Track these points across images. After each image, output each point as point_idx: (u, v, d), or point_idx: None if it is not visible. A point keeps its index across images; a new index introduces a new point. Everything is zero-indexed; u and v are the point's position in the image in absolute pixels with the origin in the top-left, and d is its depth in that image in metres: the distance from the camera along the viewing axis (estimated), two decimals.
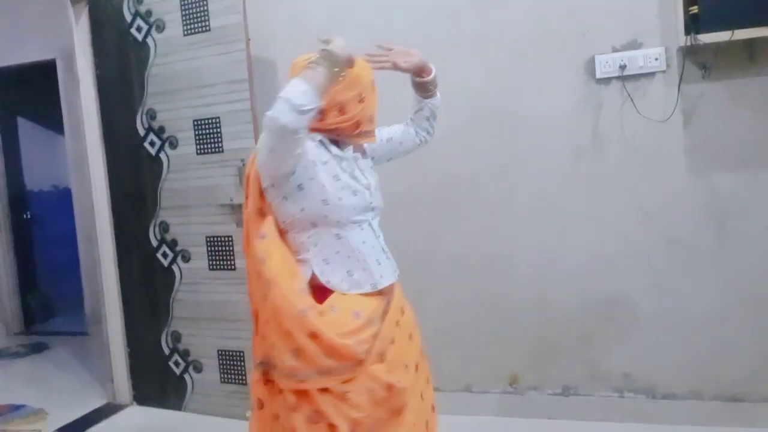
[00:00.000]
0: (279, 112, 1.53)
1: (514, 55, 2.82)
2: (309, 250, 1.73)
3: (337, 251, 1.73)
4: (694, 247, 2.67)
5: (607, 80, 2.71)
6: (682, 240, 2.69)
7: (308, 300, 1.67)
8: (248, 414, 3.08)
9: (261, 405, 1.80)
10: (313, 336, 1.62)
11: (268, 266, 1.68)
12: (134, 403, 3.47)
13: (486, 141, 2.87)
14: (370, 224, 1.80)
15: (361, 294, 1.73)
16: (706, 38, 2.44)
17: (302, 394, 1.66)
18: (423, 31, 2.86)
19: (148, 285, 3.33)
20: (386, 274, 1.79)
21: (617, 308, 2.78)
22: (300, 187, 1.69)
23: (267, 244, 1.71)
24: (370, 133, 1.83)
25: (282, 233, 1.75)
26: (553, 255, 2.84)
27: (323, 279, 1.71)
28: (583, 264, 2.81)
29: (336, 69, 1.64)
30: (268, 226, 1.73)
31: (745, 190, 2.60)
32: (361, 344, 1.67)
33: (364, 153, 1.90)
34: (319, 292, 1.70)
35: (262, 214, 1.75)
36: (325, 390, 1.64)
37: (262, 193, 1.74)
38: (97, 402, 3.50)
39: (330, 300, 1.69)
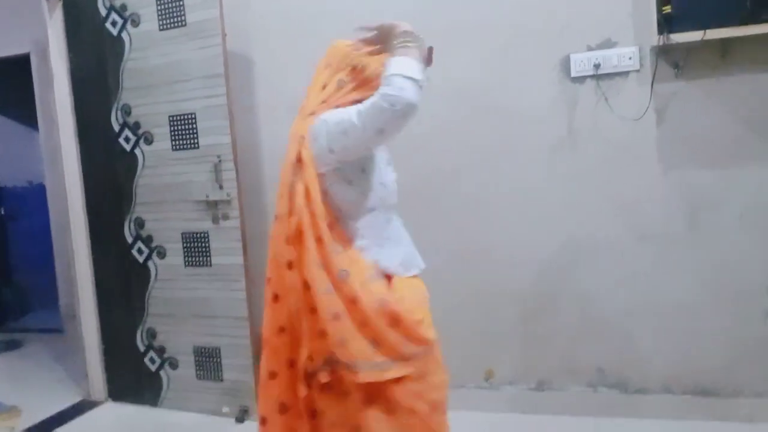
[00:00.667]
0: (407, 91, 1.51)
1: (494, 50, 2.83)
2: (364, 236, 1.70)
3: (388, 236, 1.75)
4: (666, 241, 2.71)
5: (581, 79, 2.73)
6: (654, 234, 2.72)
7: (383, 287, 1.66)
8: (224, 410, 3.11)
9: (284, 409, 1.72)
10: (395, 323, 1.61)
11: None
12: (109, 399, 3.44)
13: (466, 134, 2.88)
14: (394, 214, 1.82)
15: (411, 277, 1.75)
16: (679, 38, 2.47)
17: (375, 388, 1.61)
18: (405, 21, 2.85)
19: (123, 281, 3.30)
20: (418, 262, 1.82)
21: (591, 302, 2.82)
22: (363, 170, 1.69)
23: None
24: None
25: (333, 224, 1.67)
26: (529, 249, 2.86)
27: (381, 264, 1.69)
28: (558, 258, 2.83)
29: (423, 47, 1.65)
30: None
31: (716, 185, 2.65)
32: (431, 327, 1.70)
33: None
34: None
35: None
36: (401, 378, 1.62)
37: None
38: (71, 399, 3.47)
39: (396, 285, 1.69)
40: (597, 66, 2.68)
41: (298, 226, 1.64)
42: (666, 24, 2.49)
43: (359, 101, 1.63)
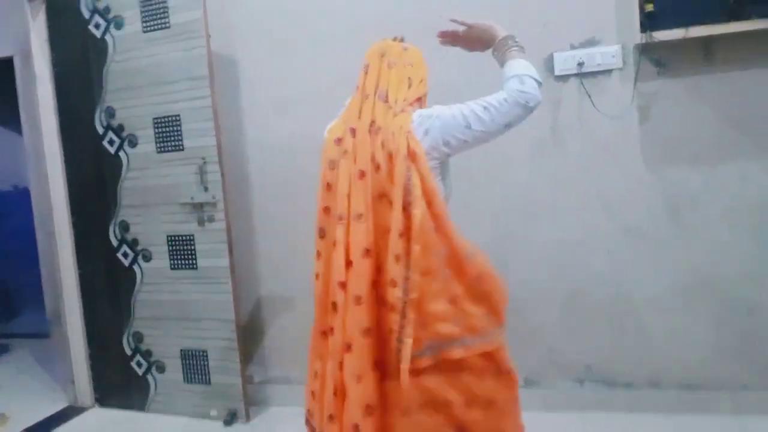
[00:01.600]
0: (538, 91, 1.75)
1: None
2: None
3: None
4: (650, 237, 2.74)
5: (565, 77, 2.75)
6: (639, 231, 2.75)
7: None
8: (212, 413, 3.09)
9: (371, 411, 1.71)
10: (501, 293, 1.80)
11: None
12: (96, 404, 3.42)
13: None
14: None
15: None
16: (661, 36, 2.50)
17: (487, 356, 1.76)
18: (385, 24, 2.85)
19: (109, 285, 3.28)
20: None
21: (577, 299, 2.83)
22: (448, 168, 1.89)
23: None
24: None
25: None
26: (515, 245, 2.87)
27: None
28: (544, 254, 2.85)
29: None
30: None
31: (698, 182, 2.67)
32: None
33: None
34: None
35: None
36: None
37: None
38: (58, 405, 3.44)
39: None
40: (581, 64, 2.69)
41: (423, 218, 1.67)
42: (648, 22, 2.51)
43: (420, 99, 1.86)
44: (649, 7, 2.50)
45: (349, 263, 1.72)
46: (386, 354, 1.71)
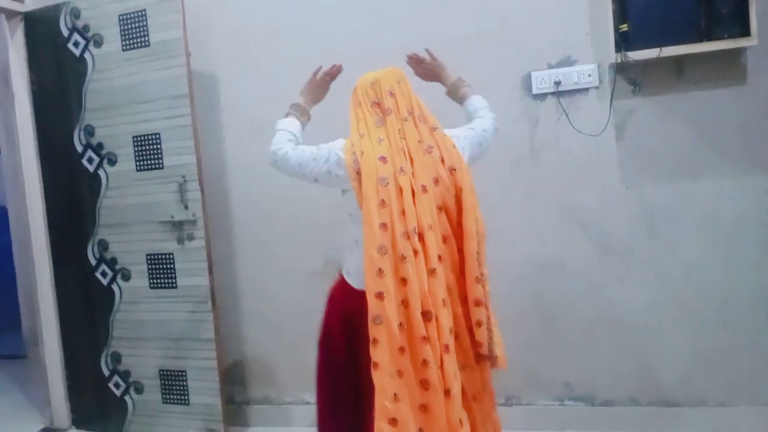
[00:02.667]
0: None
1: (454, 69, 2.84)
2: None
3: None
4: (627, 255, 2.76)
5: (543, 96, 2.78)
6: (616, 248, 2.77)
7: None
8: None
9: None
10: None
11: None
12: (73, 427, 3.36)
13: None
14: None
15: None
16: (636, 55, 2.53)
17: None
18: (363, 43, 2.89)
19: (87, 305, 3.24)
20: None
21: (556, 316, 2.84)
22: None
23: None
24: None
25: None
26: (493, 263, 2.85)
27: None
28: (522, 272, 2.86)
29: None
30: None
31: (674, 200, 2.70)
32: None
33: None
34: None
35: None
36: None
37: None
38: (34, 427, 3.38)
39: None
40: (557, 83, 2.73)
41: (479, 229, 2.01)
42: (623, 42, 2.55)
43: None
44: (624, 27, 2.54)
45: (430, 272, 1.87)
46: (463, 346, 1.98)
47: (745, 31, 2.44)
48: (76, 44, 3.11)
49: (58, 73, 3.18)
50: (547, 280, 2.84)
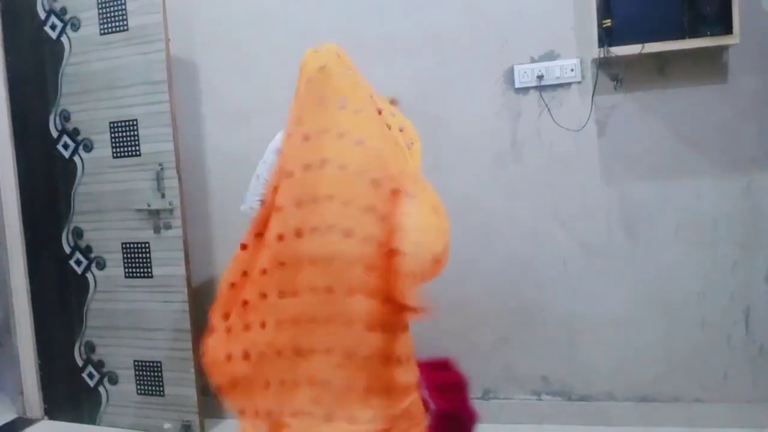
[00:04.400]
0: None
1: (437, 61, 2.85)
2: None
3: None
4: (606, 251, 2.76)
5: (525, 90, 2.77)
6: (595, 245, 2.77)
7: None
8: (166, 426, 3.02)
9: None
10: None
11: None
12: (46, 417, 3.30)
13: None
14: None
15: None
16: (619, 51, 2.53)
17: None
18: (347, 32, 2.86)
19: (61, 293, 3.19)
20: None
21: (534, 312, 2.84)
22: None
23: None
24: None
25: None
26: (473, 258, 2.87)
27: None
28: (501, 267, 2.86)
29: None
30: None
31: (654, 197, 2.71)
32: None
33: None
34: None
35: None
36: None
37: None
38: (6, 417, 3.32)
39: None
40: (540, 77, 2.72)
41: None
42: (606, 37, 2.54)
43: None
44: (607, 23, 2.53)
45: None
46: None
47: (728, 30, 2.44)
48: (53, 27, 3.04)
49: (34, 56, 3.11)
50: (526, 275, 2.84)
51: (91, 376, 3.17)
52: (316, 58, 2.03)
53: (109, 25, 2.91)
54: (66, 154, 3.09)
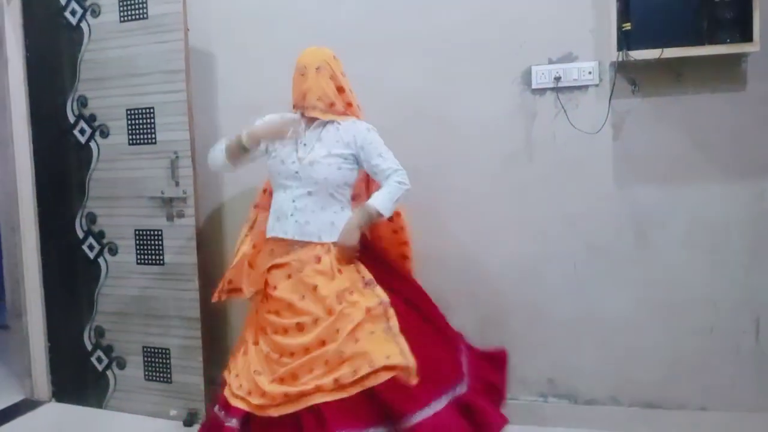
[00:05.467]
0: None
1: (451, 59, 2.84)
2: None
3: (273, 205, 2.45)
4: (615, 255, 2.76)
5: (542, 91, 2.76)
6: (604, 248, 2.76)
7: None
8: (172, 413, 3.04)
9: None
10: None
11: None
12: (53, 399, 3.34)
13: (419, 142, 2.87)
14: (292, 189, 2.37)
15: (271, 237, 2.44)
16: (637, 55, 2.52)
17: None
18: (362, 27, 2.89)
19: (72, 278, 3.22)
20: (277, 229, 2.40)
21: (542, 313, 2.84)
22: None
23: None
24: (306, 109, 2.40)
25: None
26: (481, 258, 2.87)
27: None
28: (509, 268, 2.86)
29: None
30: None
31: (665, 203, 2.70)
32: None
33: (321, 130, 2.41)
34: None
35: None
36: None
37: None
38: (14, 398, 3.35)
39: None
40: (557, 79, 2.71)
41: None
42: (625, 41, 2.53)
43: None
44: (627, 26, 2.52)
45: None
46: None
47: (747, 37, 2.42)
48: (73, 12, 3.06)
49: (53, 42, 3.13)
50: (534, 276, 2.84)
51: (99, 360, 3.20)
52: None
53: (129, 12, 2.93)
54: (82, 139, 3.11)
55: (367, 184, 2.64)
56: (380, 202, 2.33)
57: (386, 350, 2.12)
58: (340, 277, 2.28)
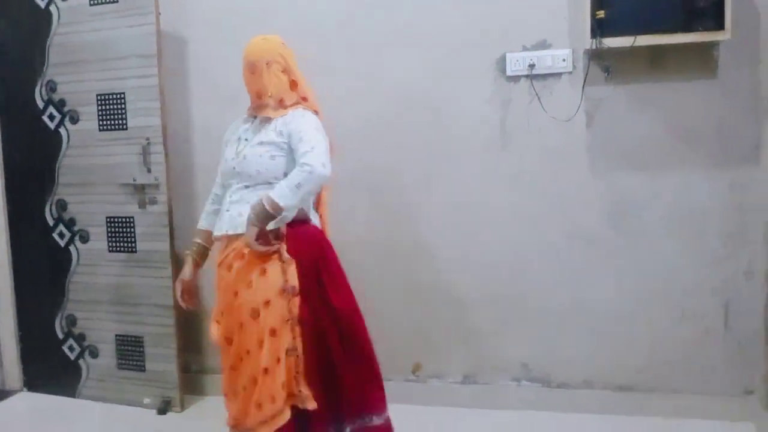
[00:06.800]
0: None
1: (433, 49, 2.83)
2: None
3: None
4: (593, 243, 2.78)
5: (516, 78, 2.76)
6: (581, 235, 2.78)
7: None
8: (146, 401, 3.02)
9: None
10: None
11: None
12: (25, 388, 3.31)
13: (404, 132, 2.88)
14: (232, 186, 2.20)
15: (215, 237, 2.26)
16: (611, 42, 2.52)
17: None
18: (339, 19, 2.87)
19: (43, 266, 3.17)
20: (219, 226, 2.20)
21: (521, 300, 2.86)
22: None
23: None
24: (257, 108, 2.23)
25: None
26: (462, 247, 2.88)
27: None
28: (490, 256, 2.87)
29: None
30: None
31: (642, 190, 2.72)
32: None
33: (266, 124, 2.20)
34: None
35: None
36: None
37: None
38: None
39: None
40: (532, 66, 2.72)
41: None
42: (599, 28, 2.53)
43: None
44: (601, 14, 2.52)
45: None
46: None
47: (720, 25, 2.44)
48: None
49: (20, 25, 3.07)
50: (511, 263, 2.85)
51: (71, 349, 3.17)
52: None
53: None
54: (51, 125, 3.06)
55: None
56: (277, 188, 2.00)
57: (273, 391, 2.02)
58: (260, 280, 2.08)
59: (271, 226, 2.03)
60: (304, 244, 2.13)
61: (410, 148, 2.88)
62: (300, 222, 2.15)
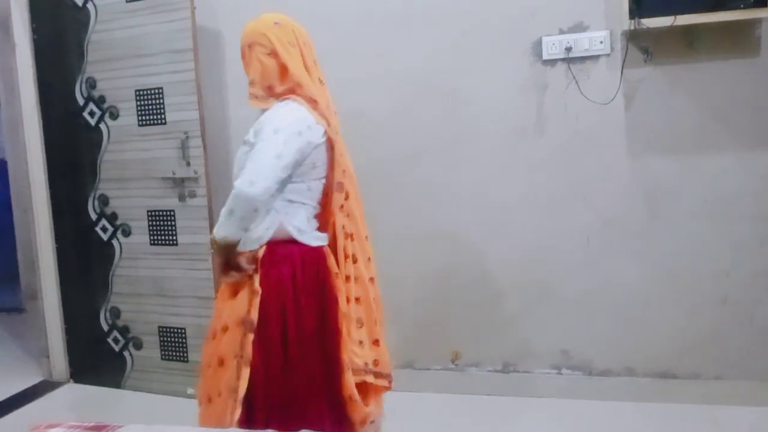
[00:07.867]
0: None
1: (460, 33, 2.82)
2: None
3: None
4: (628, 227, 2.75)
5: (553, 62, 2.74)
6: (617, 221, 2.75)
7: None
8: (189, 391, 3.07)
9: None
10: None
11: None
12: (71, 380, 3.38)
13: (429, 118, 2.87)
14: None
15: None
16: (650, 23, 2.48)
17: None
18: (368, 3, 2.85)
19: (87, 259, 3.24)
20: None
21: (555, 286, 2.84)
22: None
23: None
24: (250, 98, 2.01)
25: None
26: (494, 233, 2.87)
27: None
28: (523, 242, 2.85)
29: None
30: None
31: (678, 174, 2.68)
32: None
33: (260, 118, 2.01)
34: None
35: None
36: None
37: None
38: (32, 379, 3.39)
39: None
40: (568, 49, 2.68)
41: None
42: (637, 9, 2.49)
43: None
44: None
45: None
46: None
47: (762, 2, 2.38)
48: None
49: (60, 24, 3.13)
50: (546, 249, 2.83)
51: (116, 341, 3.23)
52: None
53: None
54: (92, 121, 3.12)
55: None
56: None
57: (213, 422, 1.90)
58: (229, 302, 1.97)
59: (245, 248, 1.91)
60: (274, 267, 1.92)
61: (440, 135, 2.88)
62: (280, 242, 1.94)
